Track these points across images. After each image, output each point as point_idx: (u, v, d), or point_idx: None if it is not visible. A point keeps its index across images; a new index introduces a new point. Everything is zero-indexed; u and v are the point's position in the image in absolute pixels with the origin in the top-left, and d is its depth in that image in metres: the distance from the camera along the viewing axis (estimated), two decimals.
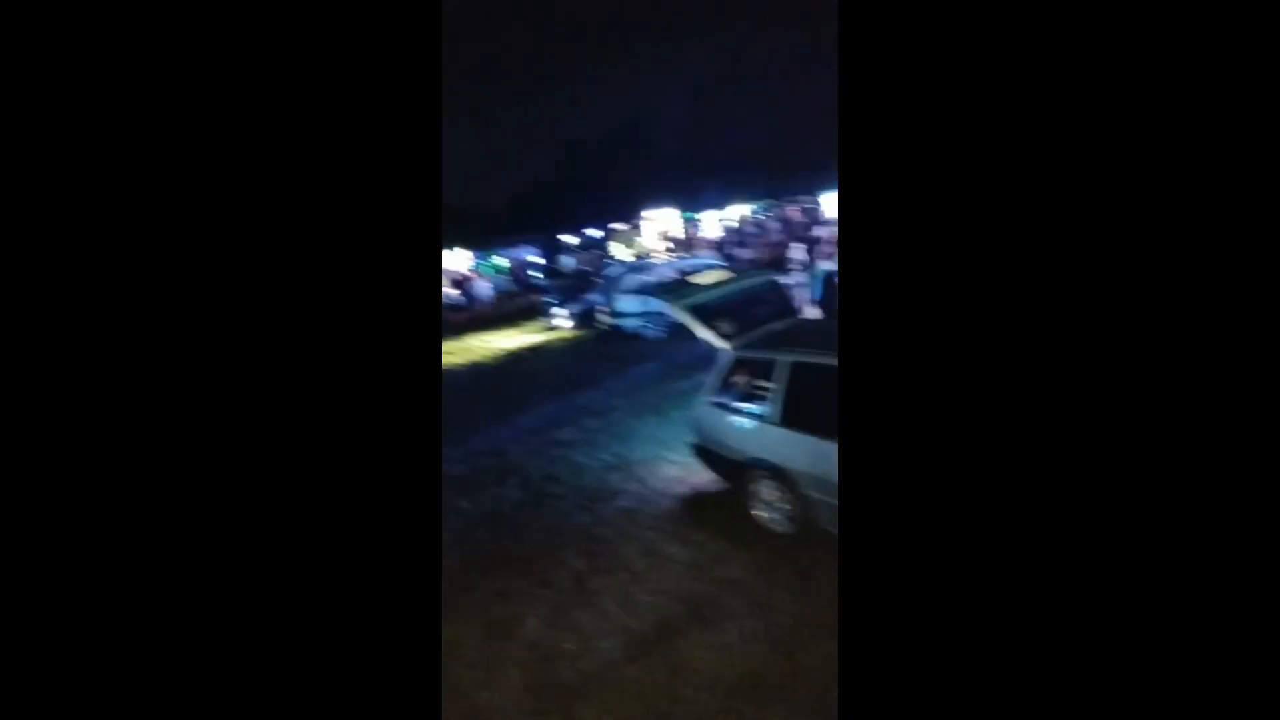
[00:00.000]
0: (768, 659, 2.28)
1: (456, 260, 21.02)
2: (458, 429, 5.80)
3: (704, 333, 3.52)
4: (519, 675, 2.41)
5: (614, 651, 2.46)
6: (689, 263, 9.89)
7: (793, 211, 15.42)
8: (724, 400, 3.37)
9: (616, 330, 9.37)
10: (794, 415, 2.94)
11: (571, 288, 12.36)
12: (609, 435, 4.96)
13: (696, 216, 18.81)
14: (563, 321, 11.13)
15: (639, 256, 17.19)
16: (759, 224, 16.24)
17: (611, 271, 11.39)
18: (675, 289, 4.14)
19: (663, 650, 2.41)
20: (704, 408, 3.51)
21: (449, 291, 19.25)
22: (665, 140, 22.43)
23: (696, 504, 3.63)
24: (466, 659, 2.54)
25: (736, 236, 15.38)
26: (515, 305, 15.76)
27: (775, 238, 13.10)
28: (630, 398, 5.85)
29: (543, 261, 20.36)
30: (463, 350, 10.83)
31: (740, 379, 3.31)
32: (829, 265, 6.53)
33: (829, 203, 13.97)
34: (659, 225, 20.00)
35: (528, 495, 4.14)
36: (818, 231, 10.53)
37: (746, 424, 3.19)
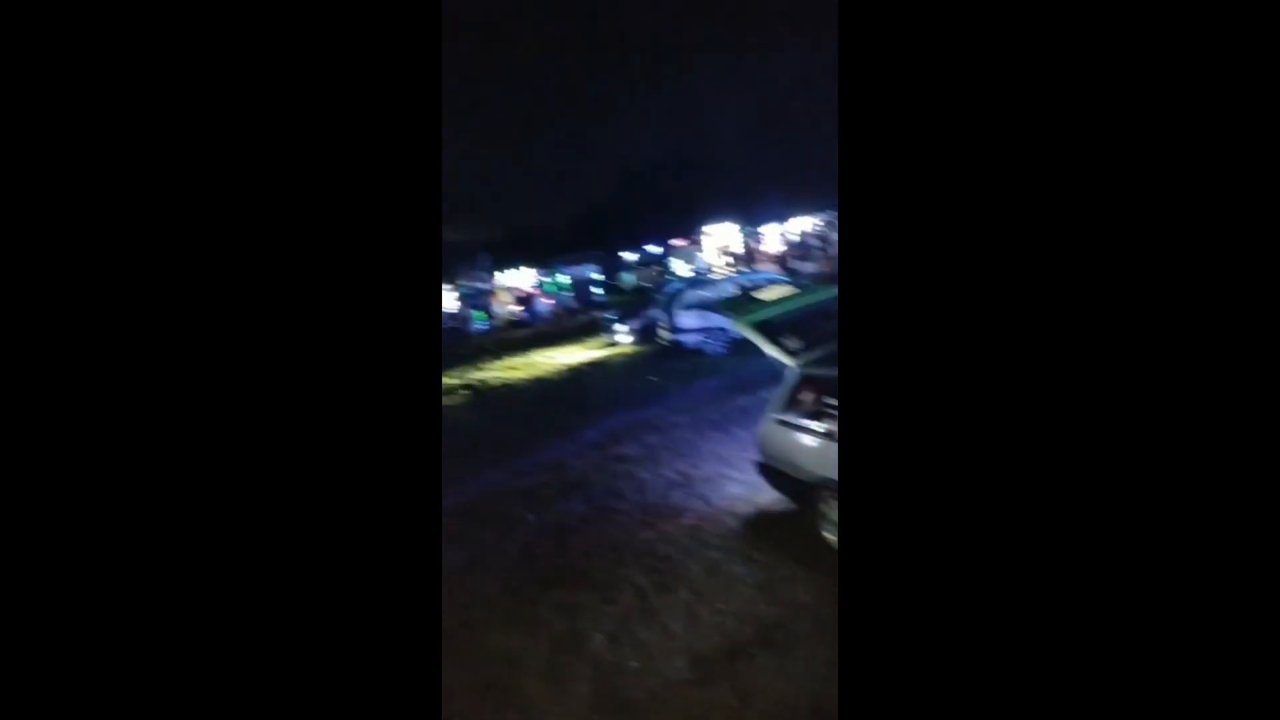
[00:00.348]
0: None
1: (521, 278, 21.65)
2: (522, 442, 5.94)
3: (770, 349, 3.47)
4: (587, 691, 2.41)
5: (681, 672, 2.43)
6: (750, 277, 9.80)
7: None
8: (791, 418, 3.30)
9: (677, 346, 9.37)
10: None
11: (632, 304, 12.49)
12: (671, 452, 4.94)
13: (758, 230, 18.66)
14: (623, 337, 11.23)
15: (698, 272, 17.18)
16: (821, 236, 15.92)
17: (672, 287, 11.43)
18: (738, 304, 4.11)
19: (730, 674, 2.36)
20: (770, 425, 3.45)
21: (513, 308, 19.83)
22: (725, 154, 22.42)
23: (762, 523, 3.55)
24: (536, 671, 2.57)
25: (799, 250, 15.14)
26: (577, 322, 16.05)
27: (837, 250, 12.77)
28: (693, 414, 5.82)
29: (603, 278, 20.67)
30: (526, 365, 11.10)
31: (807, 396, 3.23)
32: None
33: None
34: (719, 240, 19.96)
35: (591, 510, 4.17)
36: None
37: (815, 443, 3.11)
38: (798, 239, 16.69)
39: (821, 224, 16.50)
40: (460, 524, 4.28)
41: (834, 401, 3.04)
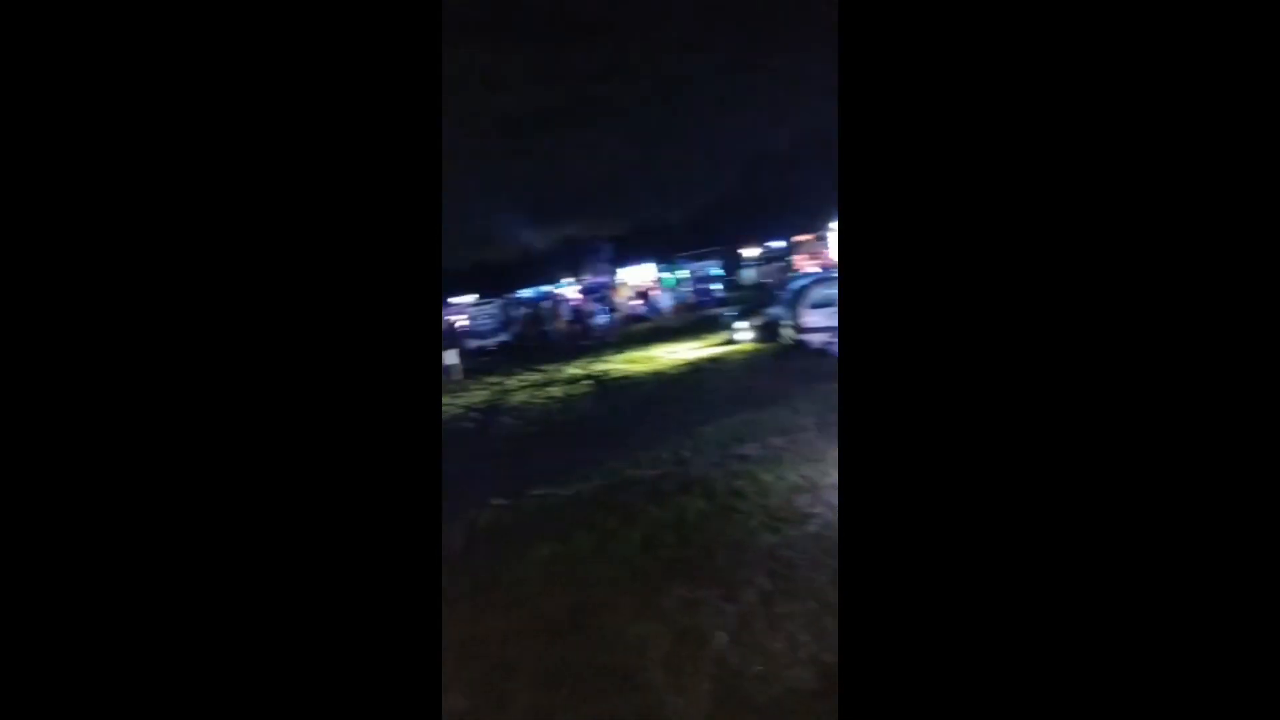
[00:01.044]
0: None
1: (640, 274, 22.04)
2: (642, 435, 6.06)
3: None
4: (709, 688, 2.42)
5: (807, 682, 2.36)
6: None
7: None
8: None
9: (801, 345, 9.09)
10: None
11: (752, 300, 12.27)
12: (796, 455, 4.81)
13: None
14: (743, 334, 11.08)
15: (825, 268, 16.50)
16: None
17: (796, 284, 11.09)
18: None
19: None
20: None
21: (634, 303, 20.25)
22: None
23: None
24: (657, 661, 2.63)
25: None
26: (695, 317, 16.06)
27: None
28: (820, 417, 5.62)
29: (723, 273, 20.49)
30: (645, 359, 11.30)
31: None
32: None
33: None
34: None
35: (712, 507, 4.17)
36: None
37: None
38: None
39: None
40: (585, 511, 4.46)
41: None
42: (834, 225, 19.30)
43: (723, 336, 11.82)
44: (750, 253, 21.98)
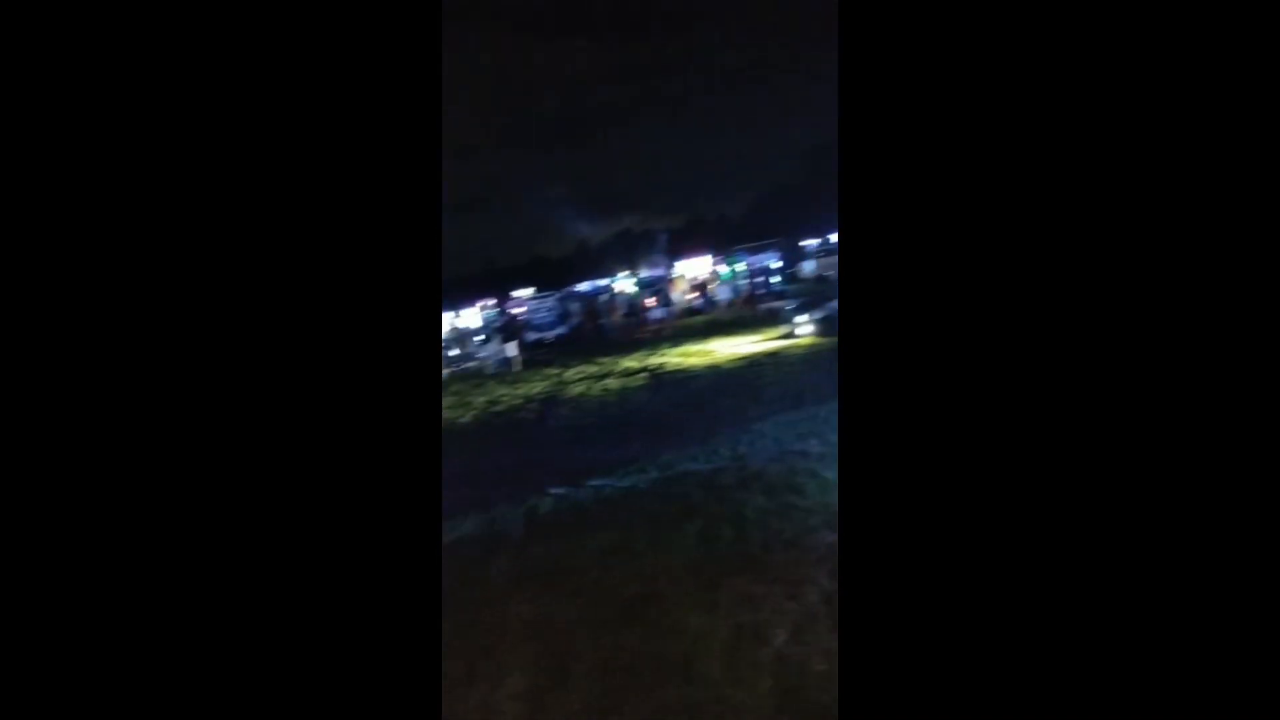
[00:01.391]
0: None
1: (698, 266, 21.89)
2: (699, 429, 6.03)
3: None
4: (769, 684, 2.39)
5: None
6: None
7: None
8: None
9: None
10: None
11: (813, 293, 11.99)
12: None
13: None
14: (803, 328, 10.84)
15: None
16: None
17: None
18: None
19: None
20: None
21: (690, 296, 20.15)
22: None
23: None
24: (716, 654, 2.61)
25: None
26: (754, 311, 15.84)
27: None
28: None
29: (782, 265, 20.10)
30: (702, 353, 11.23)
31: None
32: None
33: None
34: None
35: (771, 503, 4.10)
36: None
37: None
38: None
39: None
40: (642, 503, 4.48)
41: None
42: None
43: (782, 330, 11.59)
44: (810, 244, 21.46)
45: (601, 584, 3.41)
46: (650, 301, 18.26)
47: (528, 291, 22.44)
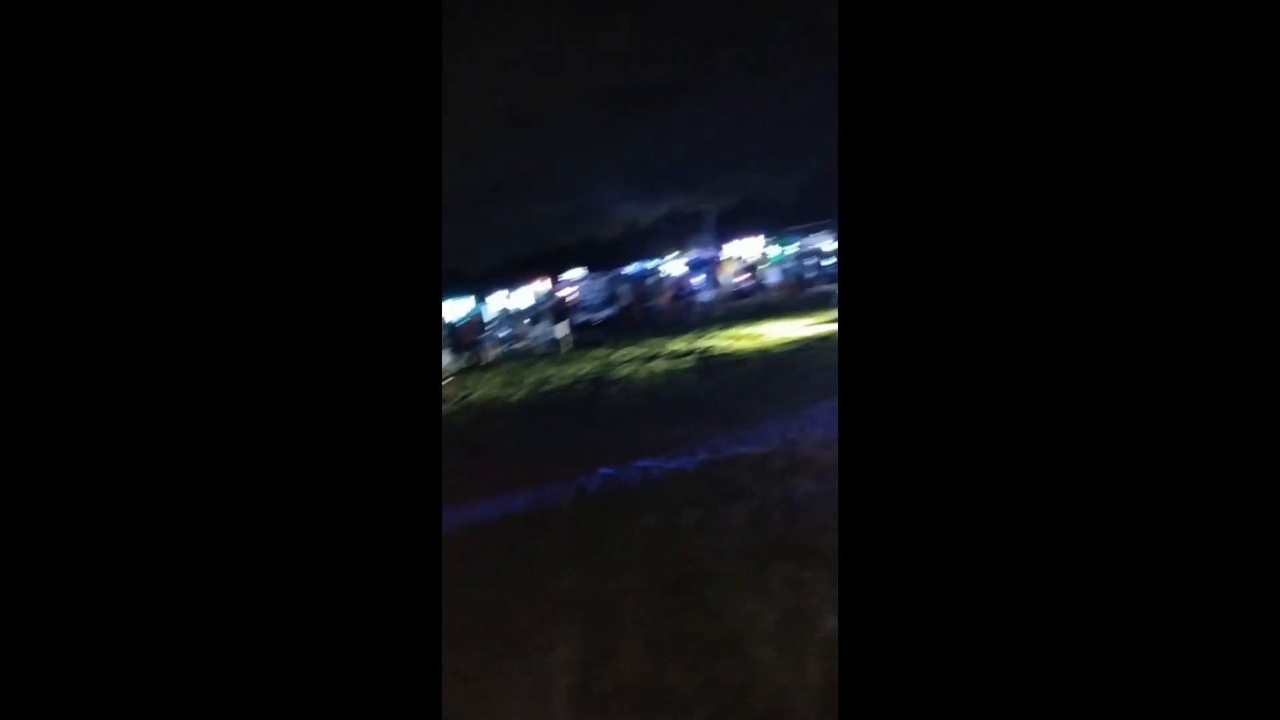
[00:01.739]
0: None
1: (748, 248, 21.55)
2: (748, 413, 5.97)
3: None
4: (817, 669, 2.37)
5: None
6: None
7: None
8: None
9: None
10: None
11: None
12: None
13: None
14: None
15: None
16: None
17: None
18: None
19: None
20: None
21: (740, 278, 19.89)
22: None
23: None
24: (765, 638, 2.61)
25: None
26: (805, 294, 15.51)
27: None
28: None
29: (835, 247, 19.54)
30: (752, 336, 11.09)
31: None
32: None
33: None
34: None
35: (821, 489, 4.04)
36: None
37: None
38: None
39: None
40: (690, 484, 4.49)
41: None
42: None
43: (834, 314, 11.33)
44: None
45: (650, 562, 3.45)
46: (698, 283, 18.10)
47: (578, 273, 22.59)
